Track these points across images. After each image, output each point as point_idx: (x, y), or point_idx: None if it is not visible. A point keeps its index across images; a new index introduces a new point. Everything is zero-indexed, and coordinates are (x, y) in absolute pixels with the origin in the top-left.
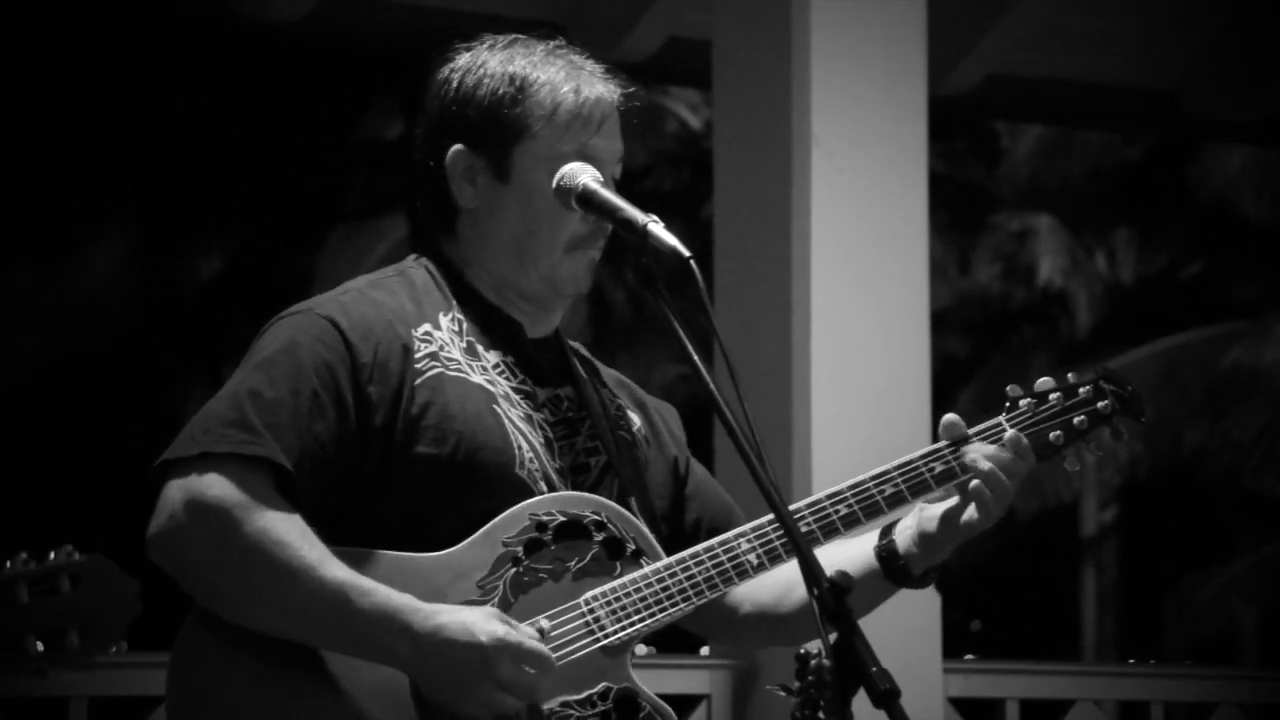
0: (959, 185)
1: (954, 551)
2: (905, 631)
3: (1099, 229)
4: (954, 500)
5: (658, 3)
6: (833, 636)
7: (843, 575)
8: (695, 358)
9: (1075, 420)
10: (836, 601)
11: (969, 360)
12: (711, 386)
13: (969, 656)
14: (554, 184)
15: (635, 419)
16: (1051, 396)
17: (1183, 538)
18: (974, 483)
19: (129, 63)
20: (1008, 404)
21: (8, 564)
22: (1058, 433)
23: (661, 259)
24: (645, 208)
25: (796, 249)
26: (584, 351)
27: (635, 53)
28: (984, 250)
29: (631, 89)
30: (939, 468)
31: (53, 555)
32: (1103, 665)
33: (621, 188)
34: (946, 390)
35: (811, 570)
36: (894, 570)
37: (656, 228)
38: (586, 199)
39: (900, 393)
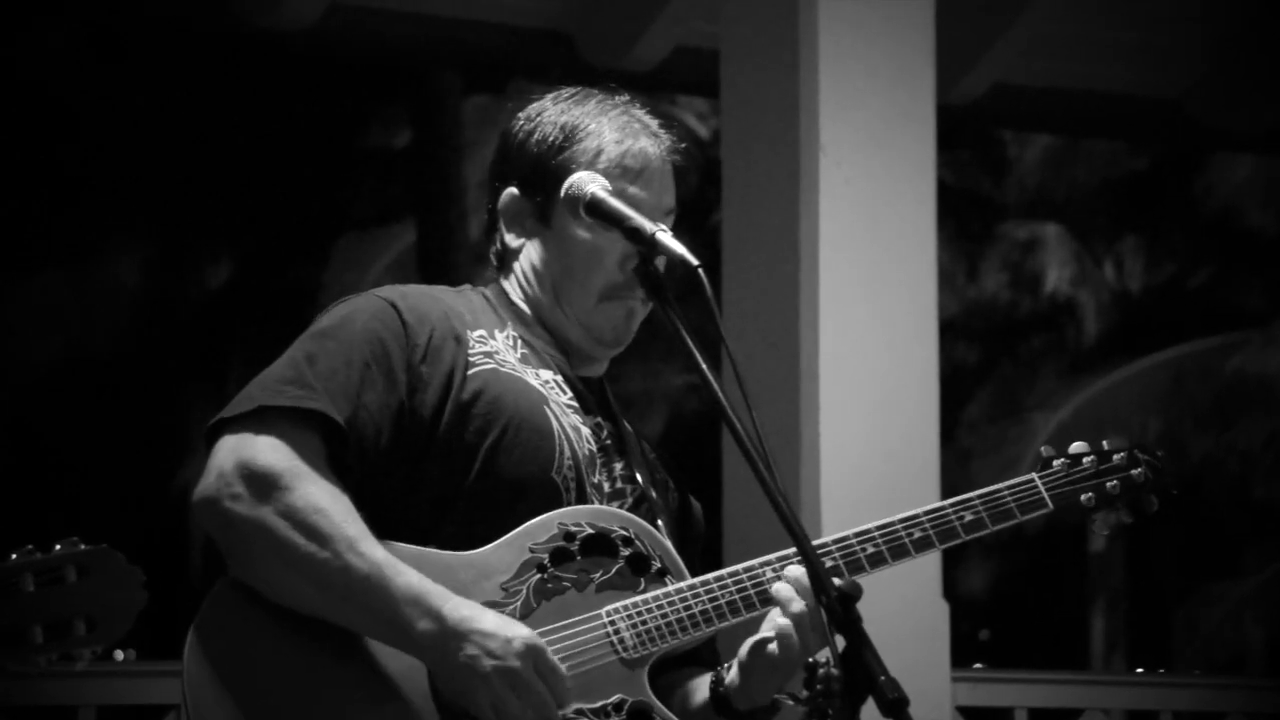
0: (966, 194)
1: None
2: (913, 640)
3: (1106, 238)
4: (768, 631)
5: (665, 13)
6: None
7: (851, 583)
8: (704, 366)
9: (1108, 485)
10: (844, 610)
11: (977, 369)
12: (720, 395)
13: (977, 665)
14: (562, 192)
15: (669, 479)
16: (1085, 460)
17: (1191, 547)
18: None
19: (137, 73)
20: (1040, 463)
21: (13, 555)
22: (1089, 495)
23: (670, 268)
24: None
25: (804, 258)
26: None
27: (643, 62)
28: (991, 259)
29: (684, 144)
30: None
31: (58, 546)
32: (1111, 674)
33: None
34: (954, 399)
35: (819, 577)
36: (717, 698)
37: (665, 236)
38: (594, 207)
39: (908, 402)
